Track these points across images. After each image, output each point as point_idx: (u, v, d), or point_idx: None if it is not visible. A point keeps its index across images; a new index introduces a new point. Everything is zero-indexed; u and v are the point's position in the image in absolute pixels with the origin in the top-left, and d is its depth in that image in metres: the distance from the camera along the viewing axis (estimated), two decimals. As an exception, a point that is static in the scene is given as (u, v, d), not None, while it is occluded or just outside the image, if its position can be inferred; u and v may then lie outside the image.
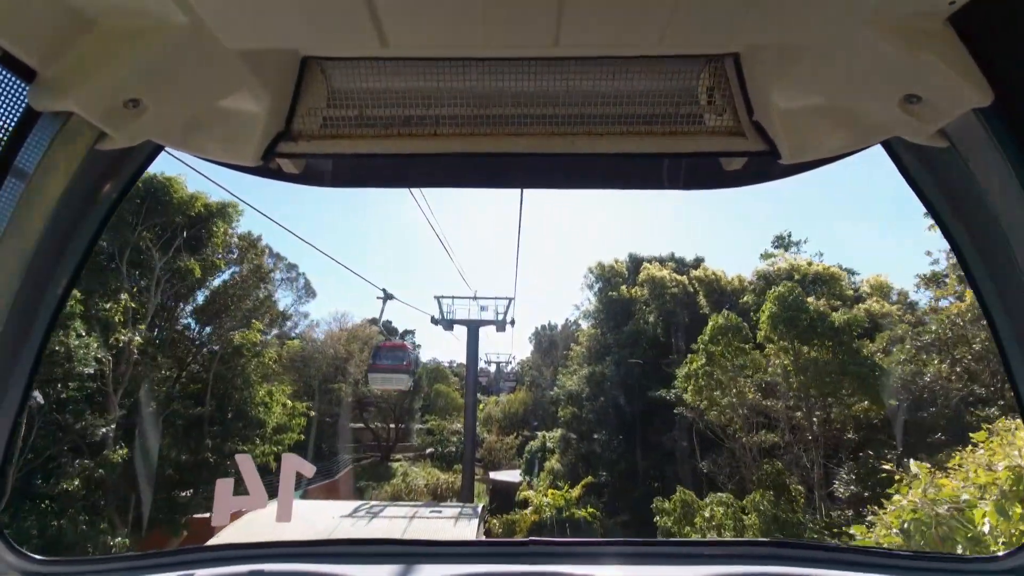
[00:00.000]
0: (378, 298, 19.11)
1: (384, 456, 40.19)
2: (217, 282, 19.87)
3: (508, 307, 32.12)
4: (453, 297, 32.72)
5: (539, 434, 34.04)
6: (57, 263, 1.48)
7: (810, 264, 21.60)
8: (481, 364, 68.25)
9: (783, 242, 27.07)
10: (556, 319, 71.13)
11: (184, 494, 17.03)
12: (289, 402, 19.86)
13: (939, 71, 1.17)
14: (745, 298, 24.48)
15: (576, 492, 18.64)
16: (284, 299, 39.18)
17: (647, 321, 26.47)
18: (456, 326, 31.87)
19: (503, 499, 29.03)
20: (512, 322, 32.65)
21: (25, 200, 1.33)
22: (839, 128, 1.48)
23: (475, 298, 32.83)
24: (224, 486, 1.82)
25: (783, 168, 1.63)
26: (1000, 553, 1.64)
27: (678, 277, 27.09)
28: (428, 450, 42.57)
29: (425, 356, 59.55)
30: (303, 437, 20.39)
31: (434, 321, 31.81)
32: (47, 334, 1.51)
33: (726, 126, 1.59)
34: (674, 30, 1.23)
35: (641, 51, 1.47)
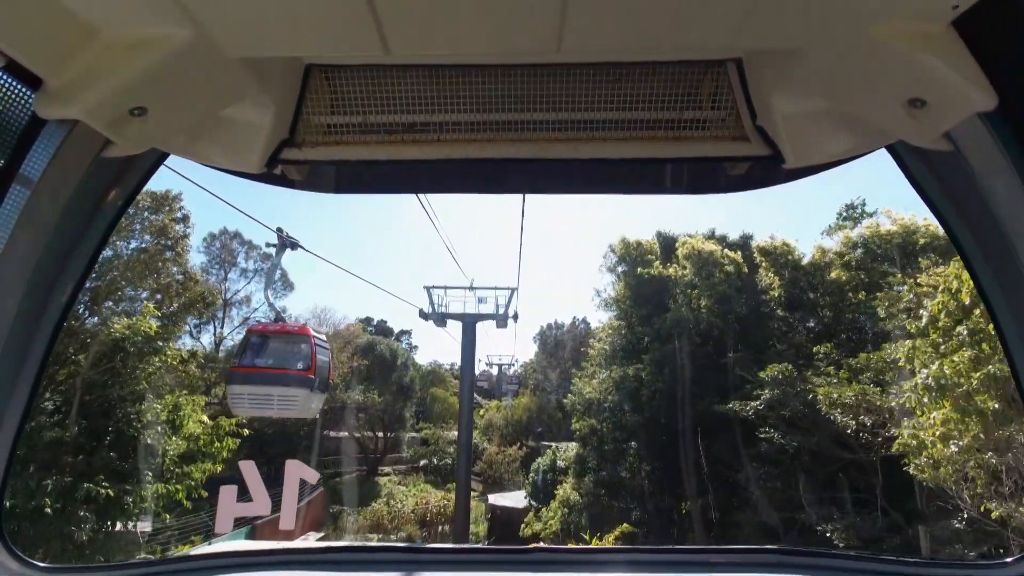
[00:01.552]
0: (270, 245, 11.82)
1: (370, 470, 36.40)
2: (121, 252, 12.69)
3: (510, 299, 27.34)
4: (446, 287, 27.80)
5: (548, 449, 27.91)
6: (62, 270, 1.53)
7: (928, 226, 14.41)
8: (482, 367, 61.43)
9: (854, 212, 20.19)
10: (562, 317, 67.30)
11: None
12: (206, 418, 12.52)
13: (943, 75, 1.21)
14: (834, 273, 19.62)
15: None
16: (257, 292, 36.41)
17: (694, 308, 19.18)
18: (450, 321, 27.40)
19: (505, 530, 24.74)
20: (515, 316, 27.78)
21: (30, 207, 1.38)
22: (843, 132, 1.52)
23: (471, 288, 27.83)
24: (227, 493, 1.95)
25: (787, 172, 1.67)
26: (1009, 559, 1.73)
27: (731, 254, 19.54)
28: (421, 462, 38.75)
29: (423, 358, 52.84)
30: (220, 468, 12.92)
31: (423, 315, 27.02)
32: (52, 341, 1.55)
33: (729, 131, 1.64)
34: (676, 35, 1.27)
35: (643, 56, 1.53)
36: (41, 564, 1.64)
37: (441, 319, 26.68)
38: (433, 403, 44.27)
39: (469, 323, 25.51)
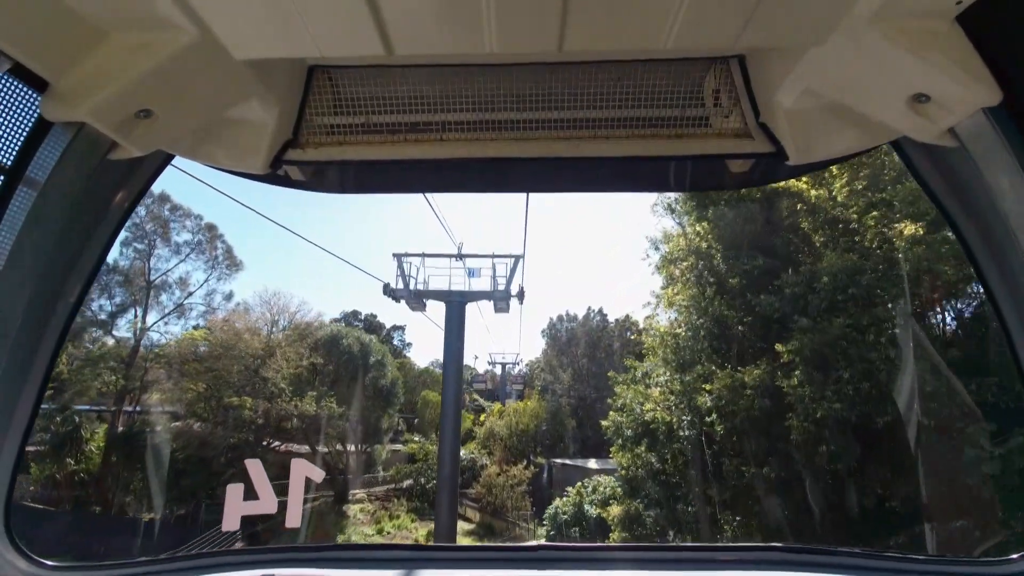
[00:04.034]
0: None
1: (339, 496, 29.91)
2: None
3: (514, 270, 20.17)
4: (423, 255, 20.92)
5: (566, 485, 19.15)
6: (69, 272, 1.64)
7: None
8: (484, 366, 54.57)
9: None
10: (575, 308, 62.36)
11: None
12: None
13: (947, 70, 1.32)
14: None
15: None
16: (195, 272, 30.41)
17: (876, 247, 11.72)
18: (431, 301, 20.58)
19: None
20: (520, 295, 20.59)
21: (37, 209, 1.49)
22: (847, 128, 1.63)
23: (460, 256, 20.82)
24: (234, 491, 1.87)
25: (790, 169, 1.77)
26: (1014, 556, 1.78)
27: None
28: (406, 483, 32.72)
29: (422, 358, 45.80)
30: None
31: (389, 293, 20.00)
32: (59, 343, 1.67)
33: (732, 128, 1.73)
34: (679, 33, 1.37)
35: (646, 54, 1.64)
36: (49, 563, 1.76)
37: (417, 299, 20.43)
38: (424, 409, 39.30)
39: (455, 303, 19.44)
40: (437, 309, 20.25)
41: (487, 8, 1.23)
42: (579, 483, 21.10)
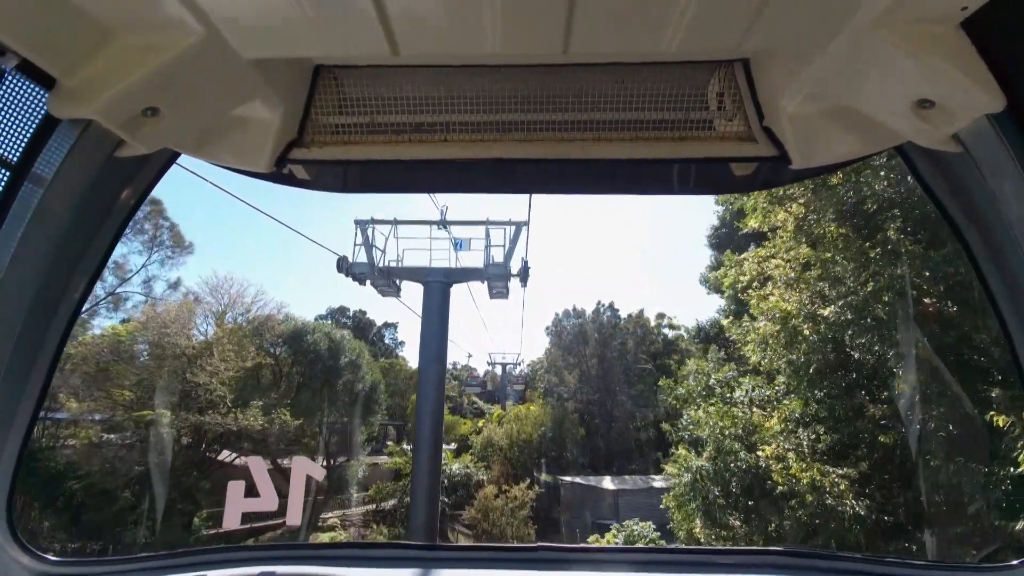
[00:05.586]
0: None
1: (309, 521, 23.83)
2: None
3: (515, 241, 15.32)
4: (395, 222, 15.88)
5: (591, 537, 17.61)
6: (74, 269, 1.74)
7: None
8: (484, 367, 54.50)
9: None
10: (582, 303, 58.96)
11: None
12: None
13: (951, 76, 1.35)
14: None
15: None
16: (134, 255, 25.10)
17: None
18: (408, 284, 16.11)
19: None
20: (523, 274, 15.55)
21: (43, 206, 1.57)
22: (851, 133, 1.70)
23: (443, 224, 15.97)
24: (235, 488, 1.91)
25: (793, 173, 1.84)
26: (1014, 562, 1.84)
27: None
28: (388, 503, 28.27)
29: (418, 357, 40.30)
30: None
31: (344, 269, 15.04)
32: (63, 339, 1.77)
33: (736, 131, 1.81)
34: (684, 36, 1.47)
35: (650, 57, 1.74)
36: (53, 558, 1.82)
37: (386, 278, 15.57)
38: (415, 416, 33.79)
39: (436, 284, 14.94)
40: (417, 296, 15.72)
41: (492, 10, 1.30)
42: (609, 532, 16.47)
